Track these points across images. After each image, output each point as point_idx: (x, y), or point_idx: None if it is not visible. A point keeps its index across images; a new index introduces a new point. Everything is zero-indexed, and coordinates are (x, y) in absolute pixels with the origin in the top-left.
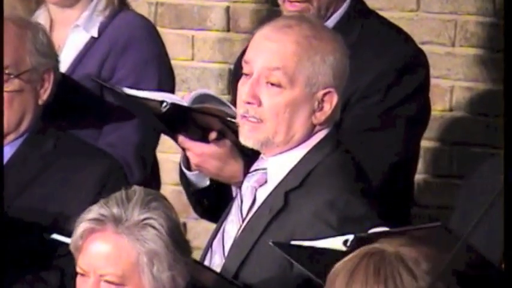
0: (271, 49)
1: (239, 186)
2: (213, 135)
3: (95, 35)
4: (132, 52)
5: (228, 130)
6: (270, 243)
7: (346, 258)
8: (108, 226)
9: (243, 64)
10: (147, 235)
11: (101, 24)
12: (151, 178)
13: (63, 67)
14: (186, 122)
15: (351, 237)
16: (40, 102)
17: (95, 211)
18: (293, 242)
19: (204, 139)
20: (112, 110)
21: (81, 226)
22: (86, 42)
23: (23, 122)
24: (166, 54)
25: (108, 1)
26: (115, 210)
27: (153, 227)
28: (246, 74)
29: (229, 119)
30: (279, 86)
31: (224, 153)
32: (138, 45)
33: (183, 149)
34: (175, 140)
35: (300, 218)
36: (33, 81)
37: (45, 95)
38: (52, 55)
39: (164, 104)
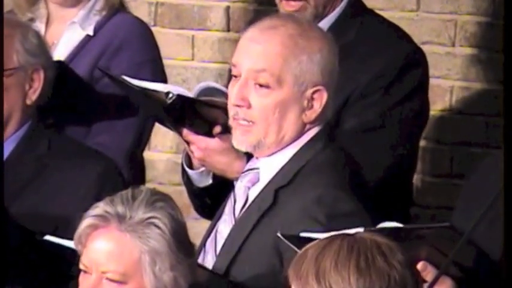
0: (256, 51)
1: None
2: (217, 129)
3: (91, 33)
4: (127, 53)
5: None
6: (278, 234)
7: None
8: (112, 223)
9: (231, 67)
10: (150, 234)
11: (97, 23)
12: (136, 178)
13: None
14: (191, 114)
15: (361, 230)
16: (28, 102)
17: (100, 208)
18: (302, 234)
19: (209, 134)
20: (104, 108)
21: (85, 222)
22: (81, 39)
23: (10, 121)
24: (160, 58)
25: (106, 1)
26: (120, 208)
27: (157, 226)
28: (235, 76)
29: None
30: (267, 87)
31: (228, 148)
32: (133, 47)
33: (187, 143)
34: (180, 133)
35: (288, 215)
36: (21, 79)
37: (34, 95)
38: (42, 55)
39: (170, 95)
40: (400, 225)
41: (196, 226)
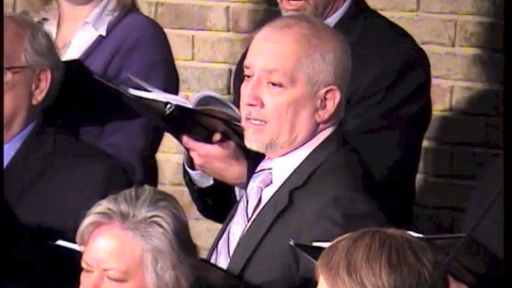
0: (270, 50)
1: (244, 187)
2: (217, 136)
3: (103, 33)
4: (140, 54)
5: (232, 132)
6: (291, 243)
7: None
8: (114, 221)
9: (244, 69)
10: (152, 232)
11: (110, 23)
12: (148, 178)
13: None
14: (191, 123)
15: None
16: (34, 102)
17: (103, 205)
18: (315, 244)
19: (209, 140)
20: (117, 109)
21: (88, 219)
22: (93, 40)
23: (15, 120)
24: (172, 58)
25: (118, 1)
26: (123, 206)
27: (160, 225)
28: (248, 76)
29: (233, 121)
30: (280, 85)
31: (228, 154)
32: (146, 47)
33: (187, 149)
34: (180, 140)
35: (304, 216)
36: (28, 79)
37: (40, 95)
38: (51, 56)
39: (169, 105)
40: (417, 235)
41: (197, 226)
